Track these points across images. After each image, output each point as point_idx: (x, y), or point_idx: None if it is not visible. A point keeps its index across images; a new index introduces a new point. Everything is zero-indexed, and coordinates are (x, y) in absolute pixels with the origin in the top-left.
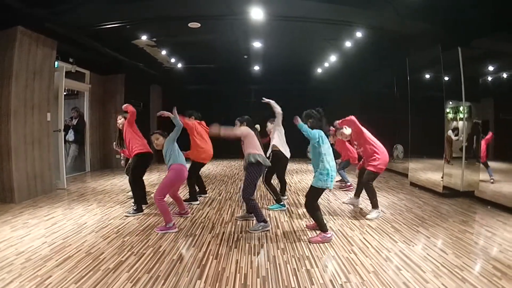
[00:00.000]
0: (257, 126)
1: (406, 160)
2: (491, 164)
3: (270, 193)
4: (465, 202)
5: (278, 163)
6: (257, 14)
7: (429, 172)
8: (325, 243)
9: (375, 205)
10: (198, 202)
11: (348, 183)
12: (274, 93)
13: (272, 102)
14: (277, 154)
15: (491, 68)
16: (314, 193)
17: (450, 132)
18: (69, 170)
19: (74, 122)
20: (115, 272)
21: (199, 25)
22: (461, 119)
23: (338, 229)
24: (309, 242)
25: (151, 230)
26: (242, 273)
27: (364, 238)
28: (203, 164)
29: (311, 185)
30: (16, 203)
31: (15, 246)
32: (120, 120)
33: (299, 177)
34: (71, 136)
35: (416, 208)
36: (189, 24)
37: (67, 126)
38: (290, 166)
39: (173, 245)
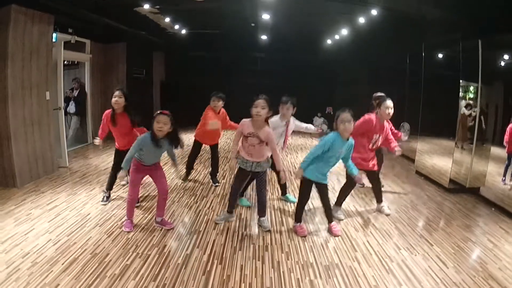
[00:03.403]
0: None
1: (412, 139)
2: (496, 151)
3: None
4: (470, 200)
5: None
6: None
7: (435, 157)
8: (329, 248)
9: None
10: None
11: None
12: (281, 62)
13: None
14: None
15: (506, 56)
16: None
17: (463, 109)
18: (71, 143)
19: (75, 93)
20: (122, 279)
21: None
22: (471, 99)
23: (343, 229)
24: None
25: (154, 224)
26: (247, 282)
27: (367, 241)
28: None
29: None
30: (18, 187)
31: (20, 246)
32: (121, 99)
33: (304, 156)
34: (72, 108)
35: (421, 205)
36: None
37: (67, 98)
38: (294, 141)
39: (177, 245)
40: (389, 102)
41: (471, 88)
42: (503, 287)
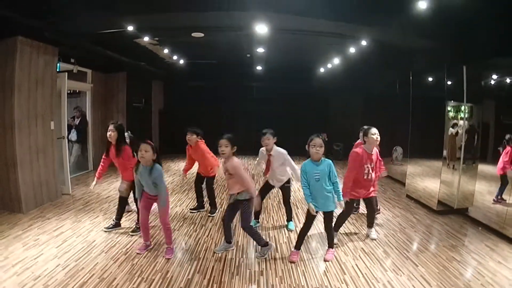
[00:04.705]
0: None
1: (405, 161)
2: (487, 169)
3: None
4: (458, 221)
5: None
6: (261, 29)
7: (427, 179)
8: (320, 271)
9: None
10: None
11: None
12: (276, 91)
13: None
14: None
15: (494, 76)
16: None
17: (451, 129)
18: (73, 170)
19: (77, 122)
20: None
21: (202, 35)
22: (462, 118)
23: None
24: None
25: (157, 251)
26: None
27: (356, 264)
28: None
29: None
30: (24, 213)
31: (31, 269)
32: (114, 133)
33: (299, 183)
34: (73, 136)
35: (409, 228)
36: (193, 34)
37: (69, 126)
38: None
39: (179, 271)
40: (374, 130)
41: (460, 108)
42: None
